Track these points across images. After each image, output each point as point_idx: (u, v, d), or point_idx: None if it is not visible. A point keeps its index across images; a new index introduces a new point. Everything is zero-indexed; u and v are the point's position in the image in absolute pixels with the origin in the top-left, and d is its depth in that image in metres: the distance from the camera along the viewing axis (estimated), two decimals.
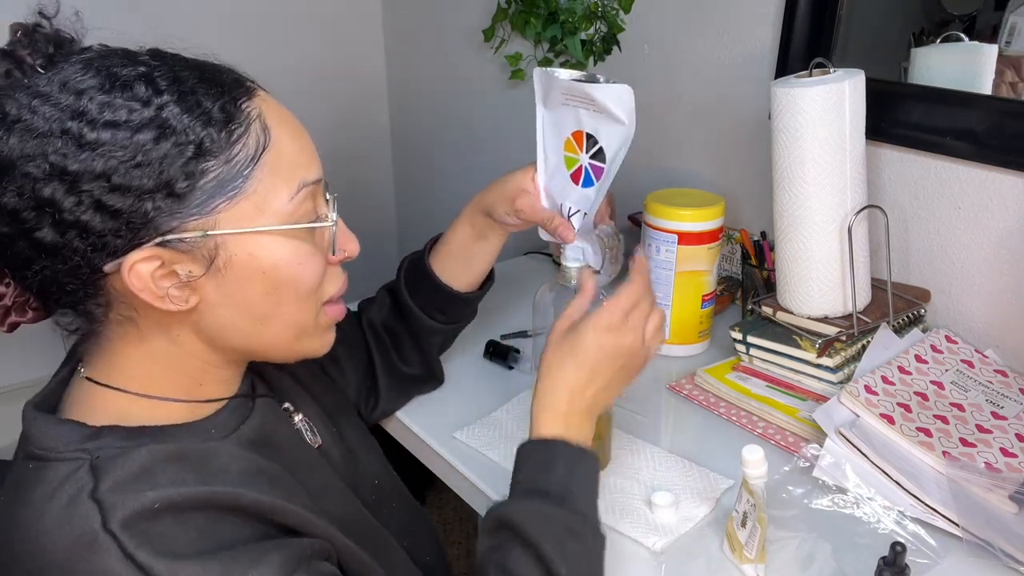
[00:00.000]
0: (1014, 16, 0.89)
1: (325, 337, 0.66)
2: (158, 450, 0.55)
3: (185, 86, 0.54)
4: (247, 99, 0.56)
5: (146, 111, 0.52)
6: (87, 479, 0.52)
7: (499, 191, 0.85)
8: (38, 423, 0.57)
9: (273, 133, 0.57)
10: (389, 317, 0.92)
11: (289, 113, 0.60)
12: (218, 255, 0.55)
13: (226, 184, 0.54)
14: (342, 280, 0.66)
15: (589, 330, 0.68)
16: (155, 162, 0.52)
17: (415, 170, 2.07)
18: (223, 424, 0.63)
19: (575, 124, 0.80)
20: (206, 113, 0.54)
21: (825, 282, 0.92)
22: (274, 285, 0.58)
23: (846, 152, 0.87)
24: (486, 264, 0.90)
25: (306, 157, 0.60)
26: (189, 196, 0.53)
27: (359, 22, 1.97)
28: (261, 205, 0.56)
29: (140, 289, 0.54)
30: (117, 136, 0.51)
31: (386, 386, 0.91)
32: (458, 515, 2.00)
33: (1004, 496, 0.73)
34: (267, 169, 0.56)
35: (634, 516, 0.76)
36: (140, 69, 0.54)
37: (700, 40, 1.22)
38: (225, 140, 0.54)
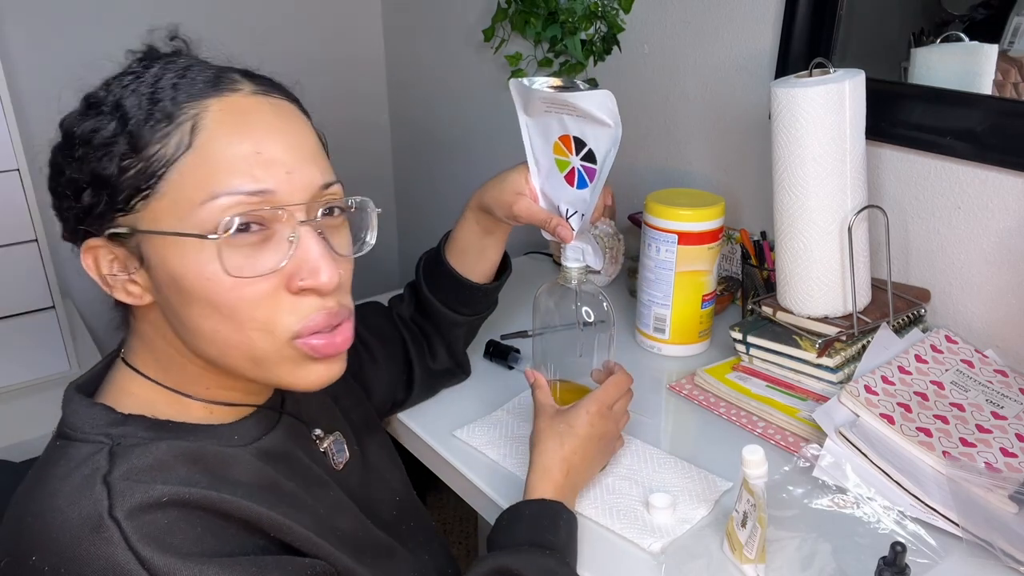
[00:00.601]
0: (1018, 17, 0.89)
1: (309, 371, 0.59)
2: (177, 446, 0.56)
3: (148, 87, 0.55)
4: (198, 100, 0.55)
5: (103, 106, 0.56)
6: (103, 463, 0.53)
7: (496, 194, 0.85)
8: (72, 404, 0.59)
9: (204, 136, 0.54)
10: (415, 314, 0.94)
11: (270, 120, 0.57)
12: (143, 254, 0.56)
13: (141, 182, 0.54)
14: (312, 313, 0.57)
15: (583, 413, 0.77)
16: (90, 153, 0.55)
17: (415, 170, 2.07)
18: (245, 432, 0.63)
19: (560, 129, 0.80)
20: (143, 110, 0.54)
21: (825, 282, 0.92)
22: (186, 297, 0.55)
23: (846, 152, 0.87)
24: (497, 254, 0.92)
25: (246, 166, 0.54)
26: (116, 189, 0.55)
27: (359, 21, 1.97)
28: (172, 207, 0.54)
29: (91, 272, 0.58)
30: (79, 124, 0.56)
31: (419, 378, 0.93)
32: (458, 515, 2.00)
33: (1004, 496, 0.73)
34: (184, 171, 0.54)
35: (631, 517, 0.76)
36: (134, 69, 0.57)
37: (700, 40, 1.22)
38: (147, 138, 0.54)
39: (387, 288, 1.10)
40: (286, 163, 0.56)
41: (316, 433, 0.72)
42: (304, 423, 0.71)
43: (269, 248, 0.56)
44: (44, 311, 1.33)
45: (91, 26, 1.57)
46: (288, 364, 0.59)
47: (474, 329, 0.98)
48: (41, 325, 1.34)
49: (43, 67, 1.55)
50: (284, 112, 0.59)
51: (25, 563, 0.50)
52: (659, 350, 1.07)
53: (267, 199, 0.55)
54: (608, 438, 0.79)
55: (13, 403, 1.31)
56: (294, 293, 0.57)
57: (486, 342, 1.05)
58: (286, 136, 0.57)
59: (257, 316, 0.56)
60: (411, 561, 0.72)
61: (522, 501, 0.72)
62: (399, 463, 0.83)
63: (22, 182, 1.24)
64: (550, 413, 0.78)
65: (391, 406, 0.93)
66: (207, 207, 0.54)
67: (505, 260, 0.94)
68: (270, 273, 0.55)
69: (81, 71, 0.62)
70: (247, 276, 0.55)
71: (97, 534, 0.49)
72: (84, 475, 0.53)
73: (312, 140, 0.60)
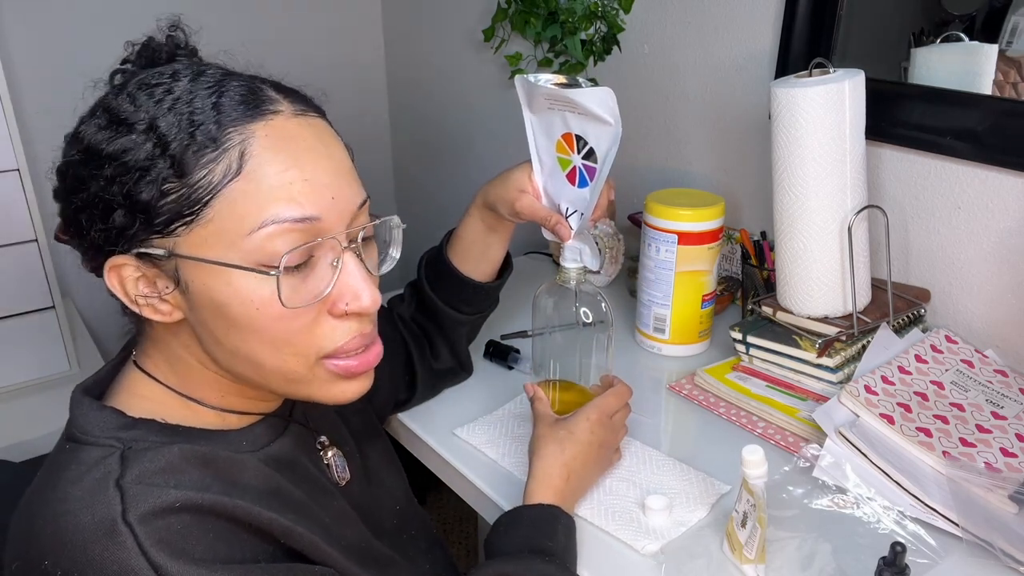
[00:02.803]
0: (1016, 17, 0.89)
1: (340, 387, 0.61)
2: (189, 451, 0.56)
3: (185, 106, 0.53)
4: (243, 124, 0.53)
5: (136, 124, 0.53)
6: (115, 467, 0.53)
7: (500, 191, 0.86)
8: (82, 407, 0.58)
9: (254, 163, 0.53)
10: (416, 313, 0.94)
11: (312, 144, 0.56)
12: (182, 277, 0.55)
13: (184, 208, 0.52)
14: (347, 336, 0.59)
15: (583, 420, 0.77)
16: (124, 174, 0.53)
17: (415, 170, 2.08)
18: (254, 438, 0.63)
19: (563, 127, 0.80)
20: (184, 132, 0.52)
21: (825, 282, 0.92)
22: (229, 323, 0.55)
23: (846, 152, 0.87)
24: (500, 252, 0.92)
25: (297, 192, 0.54)
26: (154, 213, 0.53)
27: (359, 22, 1.97)
28: (218, 235, 0.53)
29: (116, 289, 0.56)
30: (107, 140, 0.53)
31: (422, 378, 0.93)
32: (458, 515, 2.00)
33: (1004, 496, 0.73)
34: (232, 199, 0.53)
35: (627, 519, 0.76)
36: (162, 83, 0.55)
37: (700, 40, 1.22)
38: (191, 163, 0.52)
39: (388, 288, 1.09)
40: (330, 187, 0.56)
41: (321, 440, 0.72)
42: (311, 430, 0.71)
43: (314, 275, 0.56)
44: (44, 311, 1.33)
45: (91, 26, 1.57)
46: (320, 382, 0.60)
47: (476, 328, 0.98)
48: (41, 325, 1.34)
49: (43, 67, 1.56)
50: (322, 134, 0.58)
51: (37, 567, 0.50)
52: (659, 350, 1.07)
53: (313, 226, 0.55)
54: (607, 447, 0.79)
55: (13, 403, 1.31)
56: (336, 317, 0.58)
57: (486, 342, 1.05)
58: (328, 160, 0.57)
59: (298, 341, 0.57)
60: (411, 572, 0.72)
61: (522, 505, 0.72)
62: (400, 470, 0.83)
63: (22, 182, 1.24)
64: (549, 421, 0.78)
65: (393, 407, 0.93)
66: (255, 235, 0.53)
67: (507, 258, 0.94)
68: (317, 301, 0.56)
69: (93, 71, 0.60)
70: (298, 307, 0.55)
71: (110, 539, 0.49)
72: (96, 479, 0.52)
73: (347, 159, 0.60)
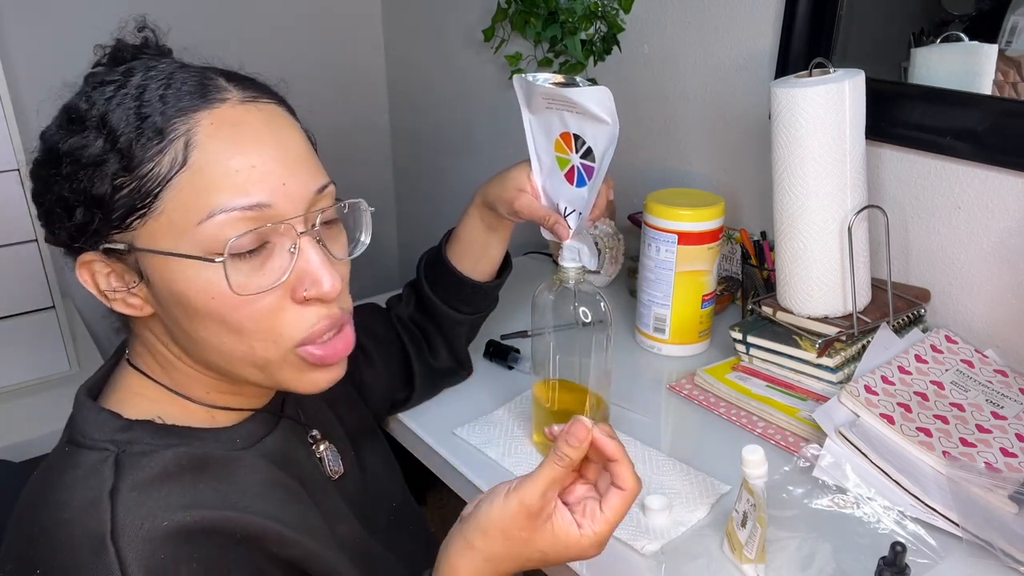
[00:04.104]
0: (1015, 16, 0.89)
1: (312, 376, 0.60)
2: (183, 454, 0.56)
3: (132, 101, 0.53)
4: (188, 113, 0.53)
5: (88, 122, 0.54)
6: (109, 475, 0.53)
7: (499, 190, 0.86)
8: (84, 409, 0.59)
9: (198, 153, 0.53)
10: (415, 313, 0.94)
11: (257, 130, 0.55)
12: (142, 270, 0.55)
13: (136, 201, 0.53)
14: (315, 321, 0.58)
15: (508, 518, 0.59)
16: (80, 171, 0.53)
17: (415, 170, 2.07)
18: (247, 435, 0.63)
19: (561, 126, 0.80)
20: (131, 125, 0.52)
21: (825, 282, 0.92)
22: (191, 313, 0.55)
23: (846, 152, 0.87)
24: (500, 251, 0.92)
25: (243, 179, 0.53)
26: (109, 207, 0.53)
27: (359, 22, 1.97)
28: (170, 226, 0.53)
29: (89, 287, 0.57)
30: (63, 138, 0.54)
31: (420, 377, 0.92)
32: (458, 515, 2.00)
33: (1004, 496, 0.73)
34: (179, 189, 0.53)
35: (627, 519, 0.75)
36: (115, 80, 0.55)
37: (700, 40, 1.22)
38: (139, 156, 0.52)
39: (387, 288, 1.10)
40: (280, 174, 0.55)
41: (313, 434, 0.72)
42: (302, 425, 0.71)
43: (271, 262, 0.56)
44: (44, 311, 1.33)
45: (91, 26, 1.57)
46: (292, 370, 0.60)
47: (475, 328, 0.98)
48: (41, 325, 1.34)
49: (43, 67, 1.56)
50: (274, 119, 0.58)
51: (30, 573, 0.51)
52: (659, 350, 1.07)
53: (264, 213, 0.54)
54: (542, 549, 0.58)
55: (13, 403, 1.31)
56: (299, 303, 0.57)
57: (486, 342, 1.05)
58: (278, 146, 0.56)
59: (262, 328, 0.56)
60: (403, 569, 0.72)
61: None
62: (397, 469, 0.83)
63: (22, 182, 1.24)
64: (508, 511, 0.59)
65: (391, 406, 0.93)
66: (205, 225, 0.53)
67: (506, 258, 0.94)
68: (274, 287, 0.56)
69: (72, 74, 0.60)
70: (252, 293, 0.55)
71: (97, 556, 0.49)
72: (92, 488, 0.53)
73: (303, 144, 0.59)
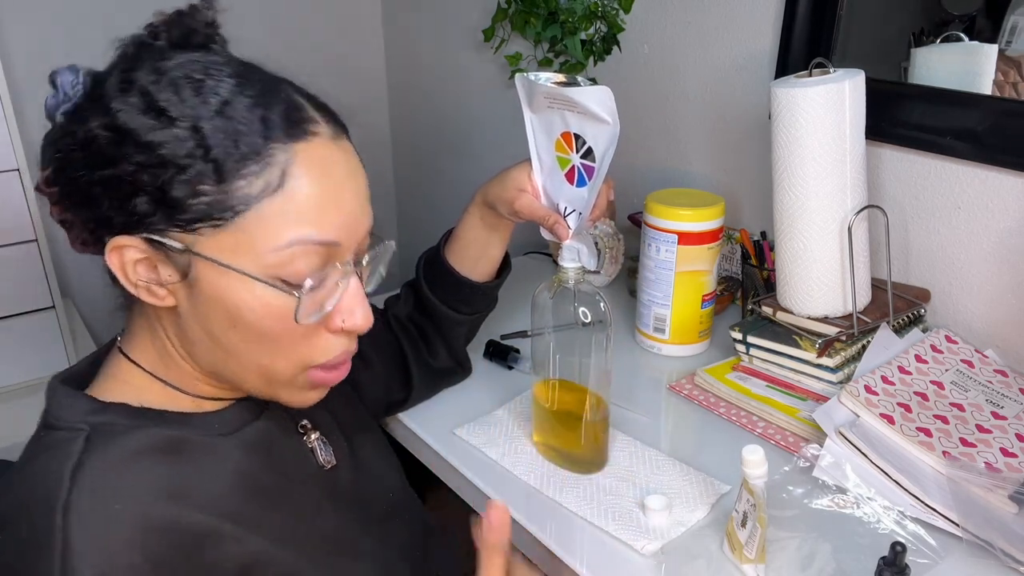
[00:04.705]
0: (1015, 16, 0.89)
1: (305, 395, 0.64)
2: (156, 434, 0.57)
3: (231, 110, 0.54)
4: (286, 142, 0.55)
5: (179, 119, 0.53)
6: (76, 452, 0.54)
7: (499, 190, 0.86)
8: (57, 394, 0.60)
9: (293, 183, 0.54)
10: (413, 312, 0.94)
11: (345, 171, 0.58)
12: (192, 271, 0.56)
13: (215, 212, 0.53)
14: (339, 351, 0.61)
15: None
16: (159, 166, 0.53)
17: (415, 170, 2.08)
18: (227, 422, 0.63)
19: (563, 125, 0.80)
20: (228, 140, 0.53)
21: (825, 282, 0.92)
22: (235, 323, 0.57)
23: (846, 152, 0.87)
24: (500, 251, 0.92)
25: (325, 217, 0.56)
26: (180, 208, 0.54)
27: (359, 22, 1.97)
28: (244, 244, 0.54)
29: (116, 269, 0.56)
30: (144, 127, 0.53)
31: (418, 378, 0.92)
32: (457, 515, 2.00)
33: (1004, 496, 0.73)
34: (265, 213, 0.54)
35: (626, 519, 0.76)
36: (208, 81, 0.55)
37: (700, 40, 1.22)
38: (232, 172, 0.53)
39: (387, 288, 1.10)
40: (356, 215, 0.59)
41: (303, 424, 0.71)
42: (290, 414, 0.70)
43: (320, 291, 0.58)
44: (44, 311, 1.33)
45: (91, 26, 1.57)
46: (293, 388, 0.62)
47: (475, 328, 0.98)
48: (41, 325, 1.34)
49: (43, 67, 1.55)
50: (352, 159, 0.60)
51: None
52: (659, 350, 1.07)
53: (332, 250, 0.57)
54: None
55: (13, 403, 1.31)
56: (331, 331, 0.60)
57: (486, 342, 1.05)
58: (356, 187, 0.59)
59: (294, 349, 0.59)
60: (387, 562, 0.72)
61: None
62: (394, 461, 0.83)
63: (22, 182, 1.25)
64: None
65: (387, 406, 0.92)
66: (280, 252, 0.55)
67: (505, 258, 0.94)
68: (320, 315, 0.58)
69: None
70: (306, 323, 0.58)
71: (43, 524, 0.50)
72: (56, 461, 0.54)
73: (366, 184, 0.61)
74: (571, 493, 0.79)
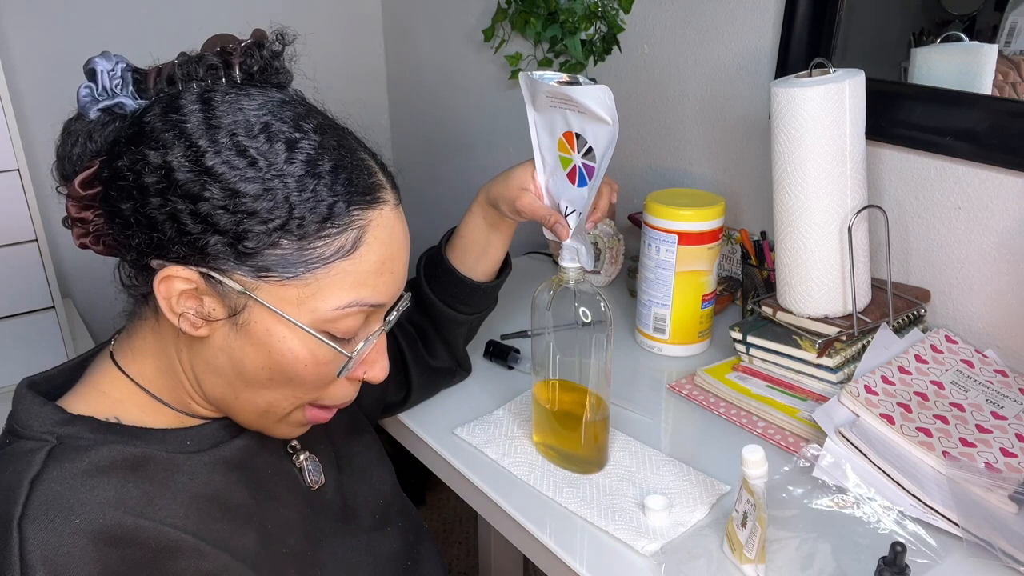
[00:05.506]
0: (1014, 16, 0.89)
1: (293, 430, 0.65)
2: (119, 451, 0.57)
3: (319, 169, 0.55)
4: (364, 208, 0.57)
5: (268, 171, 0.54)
6: (38, 463, 0.54)
7: (502, 189, 0.86)
8: (24, 401, 0.59)
9: (363, 249, 0.57)
10: (413, 312, 0.93)
11: (402, 239, 0.61)
12: (243, 312, 0.56)
13: (287, 266, 0.55)
14: (348, 397, 0.65)
15: None
16: (242, 213, 0.53)
17: (415, 170, 2.07)
18: (201, 438, 0.63)
19: (564, 125, 0.80)
20: (315, 201, 0.54)
21: (825, 282, 0.92)
22: (273, 366, 0.58)
23: (846, 152, 0.87)
24: (501, 251, 0.91)
25: (382, 282, 0.59)
26: (254, 255, 0.54)
27: (359, 22, 1.97)
28: (306, 299, 0.56)
29: (162, 297, 0.56)
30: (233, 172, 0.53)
31: (417, 378, 0.92)
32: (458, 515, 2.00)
33: (1004, 496, 0.73)
34: (334, 274, 0.56)
35: (626, 519, 0.76)
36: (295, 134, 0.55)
37: (700, 40, 1.22)
38: (313, 231, 0.55)
39: None
40: (403, 278, 0.62)
41: (292, 444, 0.71)
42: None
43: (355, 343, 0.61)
44: (44, 311, 1.33)
45: (91, 26, 1.57)
46: (285, 424, 0.64)
47: (474, 328, 0.98)
48: (41, 325, 1.34)
49: (43, 67, 1.56)
50: (404, 225, 0.62)
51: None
52: (659, 350, 1.07)
53: (378, 310, 0.61)
54: None
55: None
56: (348, 379, 0.63)
57: (486, 342, 1.05)
58: (406, 255, 0.62)
59: (312, 392, 0.62)
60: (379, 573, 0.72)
61: None
62: (387, 464, 0.83)
63: (22, 182, 1.24)
64: None
65: (385, 408, 0.92)
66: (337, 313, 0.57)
67: (506, 259, 0.94)
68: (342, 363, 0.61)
69: None
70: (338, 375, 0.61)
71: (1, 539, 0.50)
72: (16, 472, 0.53)
73: None
74: (571, 493, 0.79)
